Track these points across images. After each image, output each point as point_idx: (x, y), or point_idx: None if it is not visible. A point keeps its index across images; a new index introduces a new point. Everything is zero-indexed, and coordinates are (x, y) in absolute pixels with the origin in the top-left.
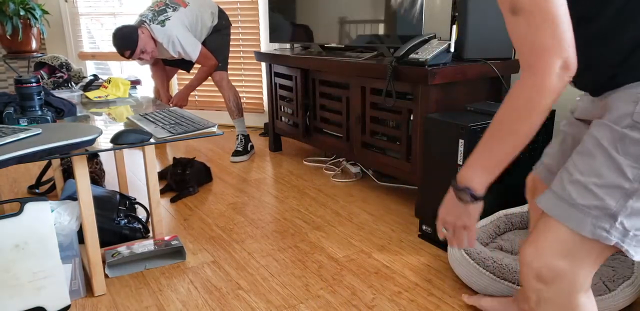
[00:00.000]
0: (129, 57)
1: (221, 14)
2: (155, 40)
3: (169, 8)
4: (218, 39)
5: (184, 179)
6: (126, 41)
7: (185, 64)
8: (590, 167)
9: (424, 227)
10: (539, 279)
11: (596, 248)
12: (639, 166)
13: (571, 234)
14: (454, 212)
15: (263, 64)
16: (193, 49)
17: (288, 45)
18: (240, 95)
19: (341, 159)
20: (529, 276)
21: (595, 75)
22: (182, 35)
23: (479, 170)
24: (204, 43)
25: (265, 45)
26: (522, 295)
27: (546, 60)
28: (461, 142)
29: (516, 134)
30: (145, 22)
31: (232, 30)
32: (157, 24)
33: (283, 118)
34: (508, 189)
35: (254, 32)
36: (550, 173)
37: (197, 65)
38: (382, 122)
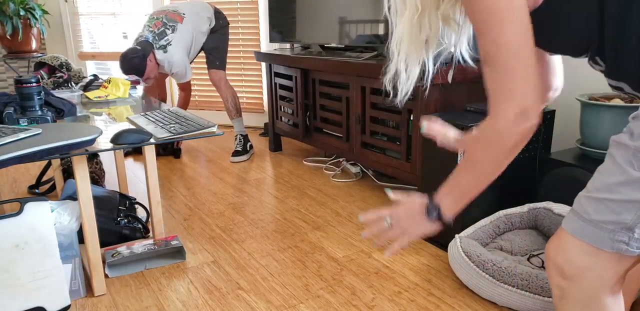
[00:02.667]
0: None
1: (218, 14)
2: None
3: (168, 28)
4: (216, 39)
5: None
6: (134, 70)
7: None
8: (606, 184)
9: None
10: (562, 275)
11: (619, 256)
12: None
13: (593, 249)
14: (413, 220)
15: (263, 64)
16: (183, 76)
17: (288, 45)
18: (240, 95)
19: (341, 159)
20: (553, 271)
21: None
22: (181, 61)
23: (448, 197)
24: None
25: (265, 45)
26: None
27: (505, 107)
28: None
29: (480, 169)
30: (152, 47)
31: (232, 31)
32: (160, 49)
33: (283, 118)
34: (508, 189)
35: (254, 32)
36: None
37: (195, 64)
38: (382, 122)
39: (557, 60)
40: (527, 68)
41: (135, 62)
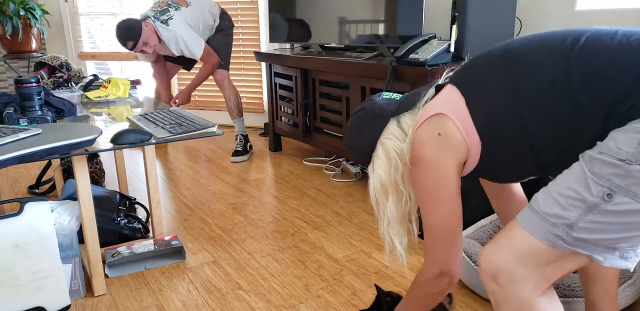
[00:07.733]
0: (132, 49)
1: (223, 14)
2: (158, 37)
3: (171, 8)
4: (221, 39)
5: None
6: (129, 32)
7: (186, 62)
8: (564, 180)
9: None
10: (494, 280)
11: (558, 255)
12: (602, 183)
13: (531, 239)
14: None
15: (263, 64)
16: (197, 47)
17: (288, 45)
18: (240, 95)
19: (341, 159)
20: (486, 276)
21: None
22: (185, 34)
23: None
24: (207, 42)
25: (265, 45)
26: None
27: (430, 266)
28: None
29: (412, 308)
30: (149, 17)
31: (232, 30)
32: (161, 22)
33: (283, 118)
34: None
35: (254, 32)
36: None
37: (198, 64)
38: None
39: (519, 194)
40: (452, 240)
41: (128, 23)
